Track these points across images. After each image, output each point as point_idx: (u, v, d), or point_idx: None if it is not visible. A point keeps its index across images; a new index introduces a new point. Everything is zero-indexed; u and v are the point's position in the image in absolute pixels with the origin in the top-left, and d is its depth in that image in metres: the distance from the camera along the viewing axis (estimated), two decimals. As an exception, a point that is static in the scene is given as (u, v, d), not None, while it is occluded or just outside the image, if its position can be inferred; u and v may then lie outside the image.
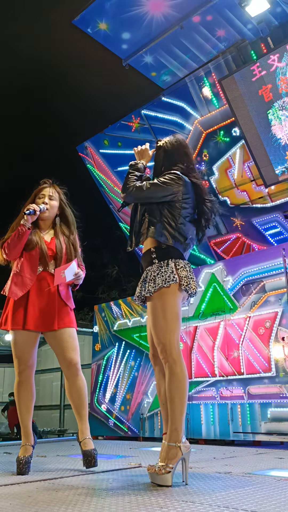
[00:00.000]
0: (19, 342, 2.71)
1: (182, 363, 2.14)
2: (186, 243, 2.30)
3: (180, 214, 2.29)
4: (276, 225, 6.01)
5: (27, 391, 2.71)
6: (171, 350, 2.13)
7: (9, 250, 2.74)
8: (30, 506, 1.66)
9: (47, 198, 2.91)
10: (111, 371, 6.42)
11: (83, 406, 2.72)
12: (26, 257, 2.77)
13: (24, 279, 2.72)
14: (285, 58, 5.23)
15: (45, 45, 13.91)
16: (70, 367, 2.71)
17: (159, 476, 1.99)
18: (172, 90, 6.43)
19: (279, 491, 1.86)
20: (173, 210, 2.29)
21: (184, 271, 2.21)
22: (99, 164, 7.54)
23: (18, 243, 2.72)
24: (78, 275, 2.75)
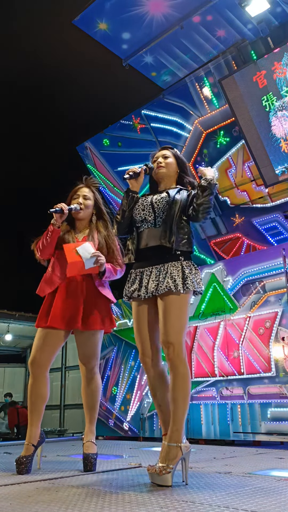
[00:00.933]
0: (37, 339, 2.71)
1: (187, 364, 2.15)
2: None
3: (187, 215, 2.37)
4: (276, 225, 6.01)
5: (39, 390, 2.68)
6: (179, 351, 2.12)
7: (41, 250, 2.77)
8: (30, 506, 1.66)
9: (82, 198, 2.89)
10: (111, 371, 6.42)
11: (94, 408, 2.74)
12: (57, 256, 2.79)
13: (53, 277, 2.74)
14: (285, 58, 5.23)
15: (45, 45, 13.91)
16: (86, 369, 2.75)
17: (159, 476, 1.98)
18: (172, 90, 6.44)
19: (279, 491, 1.86)
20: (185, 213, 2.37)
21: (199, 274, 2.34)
22: (99, 164, 7.54)
23: (49, 243, 2.74)
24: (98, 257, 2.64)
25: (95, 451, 2.64)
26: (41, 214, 3.08)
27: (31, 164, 16.05)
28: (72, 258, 2.63)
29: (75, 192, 2.94)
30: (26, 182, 15.96)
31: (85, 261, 2.62)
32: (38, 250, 2.79)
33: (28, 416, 2.68)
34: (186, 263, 2.25)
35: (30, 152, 16.28)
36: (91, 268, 2.66)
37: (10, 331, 10.08)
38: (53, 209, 2.70)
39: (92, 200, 2.93)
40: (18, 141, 16.11)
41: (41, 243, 2.77)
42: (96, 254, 2.65)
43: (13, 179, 15.84)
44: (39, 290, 2.77)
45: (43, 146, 16.20)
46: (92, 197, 2.94)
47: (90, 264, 2.64)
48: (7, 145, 15.74)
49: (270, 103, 5.41)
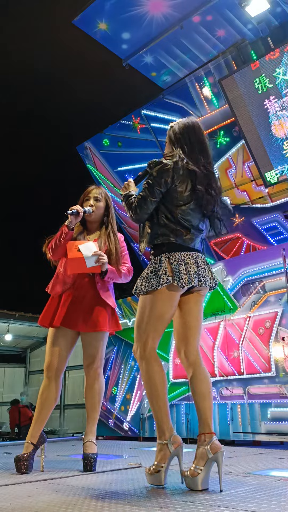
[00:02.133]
0: (50, 341, 2.71)
1: (155, 362, 2.09)
2: (191, 233, 2.19)
3: (178, 202, 2.19)
4: (276, 225, 6.01)
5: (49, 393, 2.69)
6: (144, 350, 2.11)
7: (53, 250, 2.77)
8: (30, 506, 1.66)
9: (93, 200, 2.90)
10: (111, 371, 6.42)
11: (95, 409, 2.74)
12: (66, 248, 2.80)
13: (64, 278, 2.75)
14: (285, 58, 5.23)
15: (45, 45, 13.91)
16: (89, 369, 2.76)
17: (150, 475, 1.98)
18: (172, 90, 6.44)
19: (279, 491, 1.86)
20: (171, 201, 2.20)
21: (179, 265, 2.11)
22: (99, 164, 7.54)
23: (61, 244, 2.74)
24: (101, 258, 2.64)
25: (95, 451, 2.64)
26: (42, 214, 3.09)
27: (31, 164, 16.05)
28: (73, 254, 2.63)
29: (86, 194, 2.96)
30: (26, 182, 15.96)
31: (86, 259, 2.62)
32: (50, 250, 2.79)
33: (35, 415, 2.69)
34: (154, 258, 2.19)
35: (30, 152, 16.28)
36: (93, 267, 2.66)
37: (10, 331, 10.08)
38: (69, 211, 2.72)
39: (103, 201, 2.94)
40: (18, 141, 16.11)
41: (53, 243, 2.77)
42: (97, 253, 2.66)
43: (13, 179, 15.84)
44: (51, 289, 2.77)
45: (43, 146, 16.19)
46: (103, 198, 2.95)
47: (91, 263, 2.63)
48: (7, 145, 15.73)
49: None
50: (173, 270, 2.10)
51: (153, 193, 2.20)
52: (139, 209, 2.21)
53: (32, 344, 11.58)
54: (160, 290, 2.11)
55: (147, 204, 2.21)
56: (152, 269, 2.16)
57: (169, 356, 5.56)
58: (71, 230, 2.75)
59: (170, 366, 5.52)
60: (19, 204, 16.62)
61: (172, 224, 2.19)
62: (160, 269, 2.12)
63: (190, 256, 2.17)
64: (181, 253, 2.15)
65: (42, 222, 2.97)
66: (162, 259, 2.15)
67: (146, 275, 2.17)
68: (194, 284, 2.12)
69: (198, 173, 2.23)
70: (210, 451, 1.95)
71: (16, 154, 16.43)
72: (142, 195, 2.21)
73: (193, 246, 2.21)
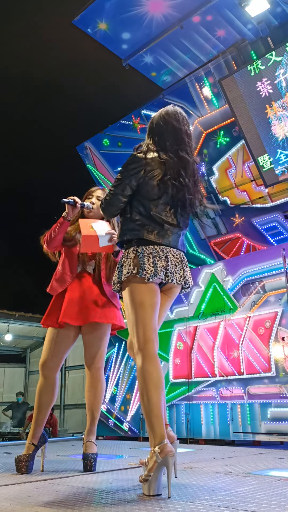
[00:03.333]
0: (48, 340, 2.71)
1: (149, 358, 1.96)
2: (164, 229, 2.12)
3: (150, 195, 2.12)
4: (276, 225, 6.01)
5: (48, 392, 2.69)
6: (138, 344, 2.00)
7: (48, 241, 2.76)
8: (30, 506, 1.66)
9: (95, 199, 2.90)
10: (111, 371, 6.42)
11: (96, 409, 2.74)
12: (67, 254, 2.80)
13: (64, 276, 2.74)
14: (285, 58, 5.23)
15: (45, 45, 13.91)
16: (91, 368, 2.75)
17: (142, 483, 1.81)
18: (172, 90, 6.43)
19: (279, 491, 1.86)
20: (144, 194, 2.14)
21: (144, 257, 2.05)
22: (99, 164, 7.54)
23: (57, 235, 2.73)
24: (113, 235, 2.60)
25: (95, 451, 2.64)
26: (41, 214, 3.09)
27: (31, 164, 16.06)
28: (87, 232, 2.60)
29: (90, 193, 2.96)
30: (26, 182, 15.96)
31: (99, 237, 2.59)
32: (46, 242, 2.79)
33: (34, 416, 2.68)
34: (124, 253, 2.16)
35: (30, 152, 16.28)
36: (106, 247, 2.62)
37: (10, 331, 10.08)
38: (66, 199, 2.71)
39: None
40: (18, 141, 16.11)
41: (49, 234, 2.76)
42: (111, 232, 2.61)
43: (12, 179, 15.84)
44: (50, 289, 2.76)
45: (43, 146, 16.19)
46: None
47: (104, 242, 2.59)
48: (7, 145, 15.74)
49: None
50: (138, 263, 2.05)
51: (123, 188, 2.15)
52: (108, 205, 2.20)
53: (32, 344, 11.59)
54: (128, 280, 2.07)
55: (116, 200, 2.17)
56: (122, 262, 2.13)
57: (169, 356, 5.56)
58: (68, 220, 2.73)
59: (170, 366, 5.52)
60: (19, 204, 16.62)
61: (144, 219, 2.12)
62: (127, 261, 2.09)
63: (160, 250, 2.09)
64: (149, 246, 2.08)
65: (42, 222, 2.96)
66: (129, 251, 2.11)
67: (117, 268, 2.16)
68: (160, 277, 2.05)
69: (167, 162, 2.16)
70: (159, 455, 1.76)
71: (16, 154, 16.43)
72: (112, 191, 2.18)
73: (167, 243, 2.12)
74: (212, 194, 6.40)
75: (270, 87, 5.34)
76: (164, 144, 2.24)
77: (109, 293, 2.76)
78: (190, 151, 2.26)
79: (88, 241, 2.60)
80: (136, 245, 2.10)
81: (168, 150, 2.21)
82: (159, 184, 2.14)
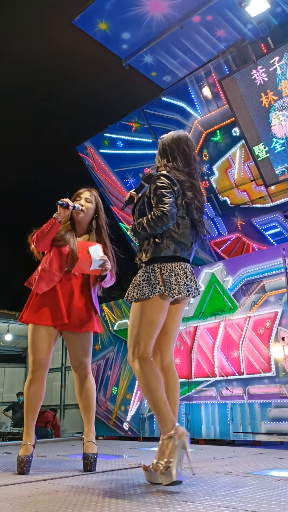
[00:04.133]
0: (36, 338, 2.70)
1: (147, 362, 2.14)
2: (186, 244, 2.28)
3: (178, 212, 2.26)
4: (276, 225, 6.01)
5: (36, 390, 2.70)
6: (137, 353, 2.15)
7: (37, 241, 2.76)
8: (30, 506, 1.66)
9: (83, 200, 2.91)
10: (111, 371, 6.42)
11: (90, 409, 2.74)
12: (55, 253, 2.79)
13: (51, 275, 2.74)
14: (285, 58, 5.23)
15: (45, 45, 13.91)
16: (80, 369, 2.75)
17: (162, 475, 1.89)
18: (172, 90, 6.43)
19: (279, 491, 1.86)
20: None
21: (170, 276, 2.18)
22: (99, 164, 7.53)
23: (46, 236, 2.74)
24: (105, 262, 2.70)
25: (95, 451, 2.64)
26: (41, 214, 3.09)
27: (31, 164, 16.06)
28: (83, 255, 2.68)
29: (78, 195, 2.96)
30: (25, 182, 15.97)
31: (93, 262, 2.68)
32: (34, 241, 2.78)
33: (28, 416, 2.68)
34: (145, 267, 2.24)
35: (30, 152, 16.28)
36: (95, 270, 2.72)
37: (10, 331, 10.08)
38: (60, 202, 2.72)
39: (94, 204, 2.94)
40: (18, 141, 16.11)
41: (39, 234, 2.75)
42: (104, 259, 2.71)
43: (12, 179, 15.84)
44: (35, 287, 2.73)
45: (43, 146, 16.20)
46: (94, 201, 2.95)
47: (95, 266, 2.69)
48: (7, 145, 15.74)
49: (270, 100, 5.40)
50: (165, 281, 2.18)
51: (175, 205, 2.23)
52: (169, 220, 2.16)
53: (32, 344, 11.56)
54: (152, 298, 2.18)
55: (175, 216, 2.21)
56: (145, 277, 2.21)
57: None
58: (59, 222, 2.74)
59: (170, 366, 5.52)
60: (19, 204, 16.62)
61: (177, 236, 2.25)
62: (153, 279, 2.19)
63: (180, 267, 2.24)
64: (172, 263, 2.22)
65: (42, 222, 2.97)
66: (155, 268, 2.21)
67: (138, 283, 2.22)
68: (183, 294, 2.20)
69: (185, 183, 2.31)
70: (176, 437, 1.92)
71: (15, 154, 16.43)
72: (170, 208, 2.16)
73: (186, 259, 2.30)
74: (212, 194, 6.41)
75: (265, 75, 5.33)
76: (177, 166, 2.37)
77: (93, 296, 2.80)
78: (197, 175, 2.44)
79: (82, 264, 2.70)
80: (159, 262, 2.21)
81: (182, 171, 2.35)
82: (181, 204, 2.28)
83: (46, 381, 2.74)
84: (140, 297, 2.18)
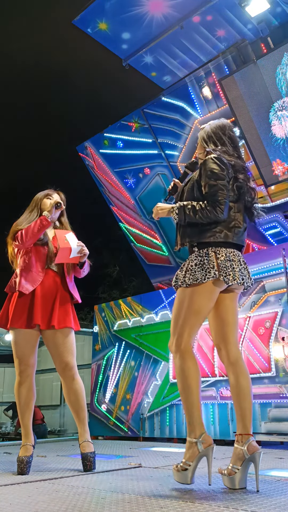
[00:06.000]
0: (19, 341, 2.71)
1: (190, 356, 2.07)
2: (239, 229, 2.20)
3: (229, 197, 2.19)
4: (276, 225, 6.00)
5: (27, 391, 2.72)
6: (180, 344, 2.09)
7: (26, 238, 2.74)
8: (30, 506, 1.66)
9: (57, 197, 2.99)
10: (111, 371, 6.42)
11: (81, 409, 2.73)
12: (34, 252, 2.80)
13: (34, 275, 2.74)
14: (285, 58, 5.23)
15: (45, 45, 13.92)
16: (66, 371, 2.71)
17: (177, 472, 1.95)
18: (172, 90, 6.43)
19: (279, 491, 1.86)
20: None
21: (226, 261, 2.10)
22: (99, 164, 7.53)
23: (37, 234, 2.76)
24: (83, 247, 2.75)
25: (93, 449, 2.65)
26: (41, 214, 3.09)
27: (31, 164, 16.05)
28: (63, 244, 2.72)
29: (47, 196, 2.99)
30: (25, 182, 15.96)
31: (72, 249, 2.71)
32: (19, 239, 2.76)
33: (24, 417, 2.69)
34: (198, 251, 2.15)
35: (30, 152, 16.28)
36: (74, 258, 2.75)
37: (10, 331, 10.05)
38: (59, 203, 2.82)
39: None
40: (17, 141, 16.12)
41: (29, 232, 2.74)
42: (81, 245, 2.76)
43: (12, 179, 15.84)
44: (21, 288, 2.70)
45: (43, 146, 16.20)
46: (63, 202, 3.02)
47: (74, 253, 2.73)
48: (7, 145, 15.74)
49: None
50: (220, 266, 2.08)
51: (227, 189, 2.17)
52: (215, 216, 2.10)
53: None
54: (203, 284, 2.08)
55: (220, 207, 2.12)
56: (197, 262, 2.11)
57: (169, 356, 5.56)
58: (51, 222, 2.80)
59: (170, 366, 5.52)
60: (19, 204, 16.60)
61: (229, 219, 2.17)
62: (207, 263, 2.09)
63: (234, 254, 2.16)
64: (227, 249, 2.14)
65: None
66: (209, 252, 2.11)
67: (190, 267, 2.12)
68: (238, 281, 2.12)
69: (237, 165, 2.25)
70: (247, 451, 1.94)
71: (15, 154, 16.43)
72: (222, 194, 2.12)
73: (240, 244, 2.23)
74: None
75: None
76: (228, 150, 2.32)
77: (70, 287, 2.80)
78: (242, 157, 2.39)
79: (63, 253, 2.72)
80: (214, 246, 2.12)
81: (231, 155, 2.30)
82: (233, 187, 2.21)
83: (34, 381, 2.75)
84: (193, 282, 2.08)
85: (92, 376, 6.66)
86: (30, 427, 2.69)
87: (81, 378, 2.83)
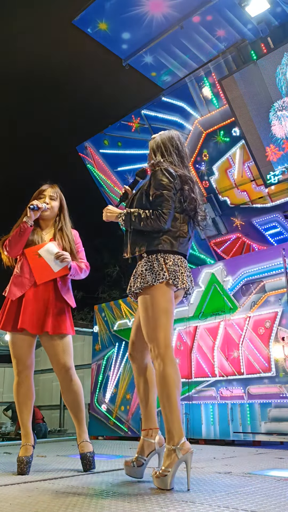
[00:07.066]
0: (16, 343, 2.71)
1: (170, 362, 2.07)
2: (184, 240, 2.27)
3: (176, 207, 2.26)
4: (276, 225, 6.00)
5: (26, 391, 2.72)
6: (158, 348, 2.08)
7: (10, 247, 2.74)
8: (30, 506, 1.66)
9: (48, 198, 2.92)
10: (111, 371, 6.42)
11: (79, 410, 2.73)
12: (26, 256, 2.78)
13: (23, 280, 2.72)
14: (285, 58, 5.23)
15: (45, 45, 13.92)
16: (63, 372, 2.71)
17: (156, 478, 1.94)
18: (172, 90, 6.43)
19: (279, 491, 1.86)
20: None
21: (174, 265, 2.17)
22: (99, 164, 7.54)
23: (20, 241, 2.73)
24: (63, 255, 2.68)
25: (92, 449, 2.65)
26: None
27: (30, 164, 16.04)
28: (35, 262, 2.66)
29: (41, 192, 2.96)
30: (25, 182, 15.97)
31: (51, 264, 2.64)
32: (6, 248, 2.76)
33: (23, 417, 2.69)
34: (147, 257, 2.21)
35: (29, 152, 16.28)
36: (60, 270, 2.69)
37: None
38: (31, 206, 2.73)
39: (58, 201, 2.96)
40: (17, 141, 16.11)
41: (11, 240, 2.74)
42: (59, 254, 2.69)
43: (12, 179, 15.84)
44: (9, 293, 2.71)
45: (43, 146, 16.20)
46: (58, 198, 2.97)
47: (57, 267, 2.66)
48: (7, 145, 15.73)
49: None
50: (169, 270, 2.16)
51: (173, 200, 2.24)
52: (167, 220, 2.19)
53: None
54: (156, 286, 2.14)
55: (172, 216, 2.23)
56: (147, 267, 2.18)
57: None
58: (30, 226, 2.74)
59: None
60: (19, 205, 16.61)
61: (174, 230, 2.24)
62: (157, 266, 2.16)
63: (181, 260, 2.24)
64: (174, 255, 2.22)
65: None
66: (158, 258, 2.19)
67: (141, 272, 2.19)
68: (186, 286, 2.21)
69: (183, 176, 2.31)
70: (180, 452, 1.94)
71: (15, 154, 16.43)
72: (166, 210, 2.19)
73: (185, 253, 2.29)
74: (212, 194, 6.40)
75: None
76: (173, 161, 2.39)
77: (64, 292, 2.76)
78: (188, 167, 2.47)
79: (40, 271, 2.66)
80: (161, 253, 2.20)
81: (177, 166, 2.37)
82: (179, 198, 2.27)
83: (33, 381, 2.75)
84: (144, 286, 2.14)
85: (92, 376, 6.66)
86: (29, 427, 2.69)
87: (81, 378, 2.83)
